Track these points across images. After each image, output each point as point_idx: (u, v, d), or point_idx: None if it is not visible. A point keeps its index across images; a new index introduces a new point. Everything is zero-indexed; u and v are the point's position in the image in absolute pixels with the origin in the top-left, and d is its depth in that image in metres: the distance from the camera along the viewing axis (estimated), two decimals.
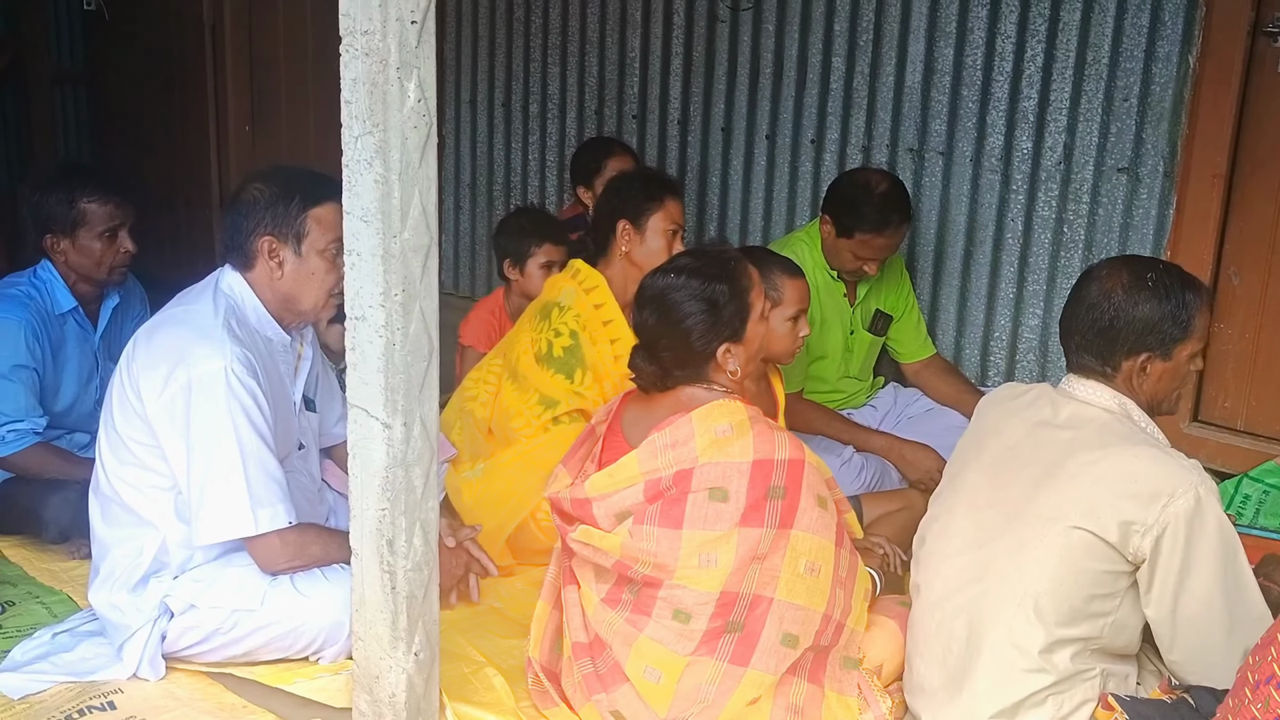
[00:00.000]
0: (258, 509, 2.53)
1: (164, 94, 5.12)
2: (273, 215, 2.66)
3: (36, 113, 5.98)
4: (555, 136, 5.21)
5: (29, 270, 3.39)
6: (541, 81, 5.19)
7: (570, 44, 5.07)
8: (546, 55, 5.16)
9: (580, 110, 5.11)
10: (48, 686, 2.62)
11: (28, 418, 3.24)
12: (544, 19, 5.12)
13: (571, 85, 5.12)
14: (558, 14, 5.08)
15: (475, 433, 3.38)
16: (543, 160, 5.27)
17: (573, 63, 5.09)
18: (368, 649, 2.28)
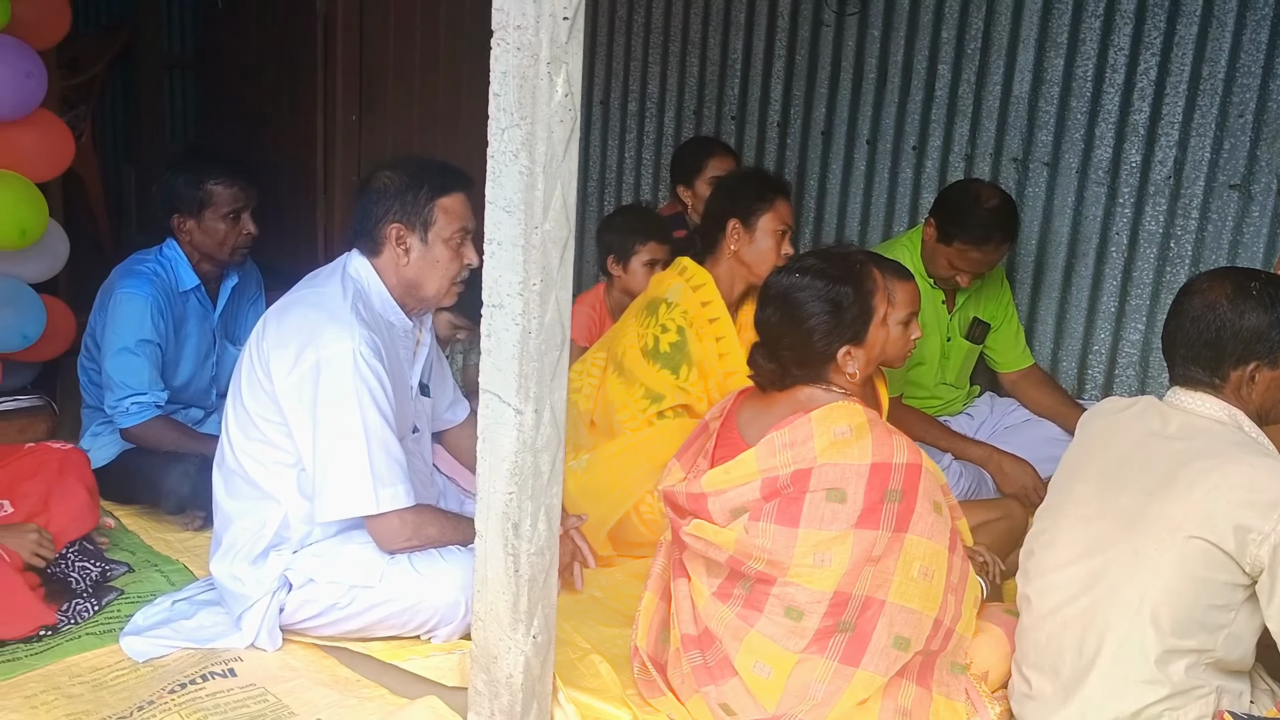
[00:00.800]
0: (379, 488, 2.60)
1: (273, 82, 5.23)
2: (401, 203, 2.72)
3: (146, 97, 6.14)
4: (652, 135, 5.26)
5: (155, 248, 3.49)
6: (641, 80, 5.24)
7: (672, 44, 5.11)
8: (647, 55, 5.20)
9: (679, 110, 5.15)
10: (170, 651, 2.71)
11: (150, 391, 3.34)
12: (646, 19, 5.17)
13: (671, 85, 5.16)
14: (660, 14, 5.13)
15: (578, 424, 3.43)
16: (639, 158, 5.32)
17: (673, 63, 5.13)
18: (487, 630, 2.33)
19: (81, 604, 2.85)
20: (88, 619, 2.82)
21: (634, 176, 5.34)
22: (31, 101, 3.46)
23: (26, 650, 2.68)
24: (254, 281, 3.77)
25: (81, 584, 2.92)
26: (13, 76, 3.36)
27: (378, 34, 5.01)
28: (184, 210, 3.41)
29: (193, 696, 2.51)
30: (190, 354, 3.54)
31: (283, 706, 2.51)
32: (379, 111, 5.12)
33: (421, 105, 5.20)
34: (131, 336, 3.32)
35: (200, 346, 3.56)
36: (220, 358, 3.65)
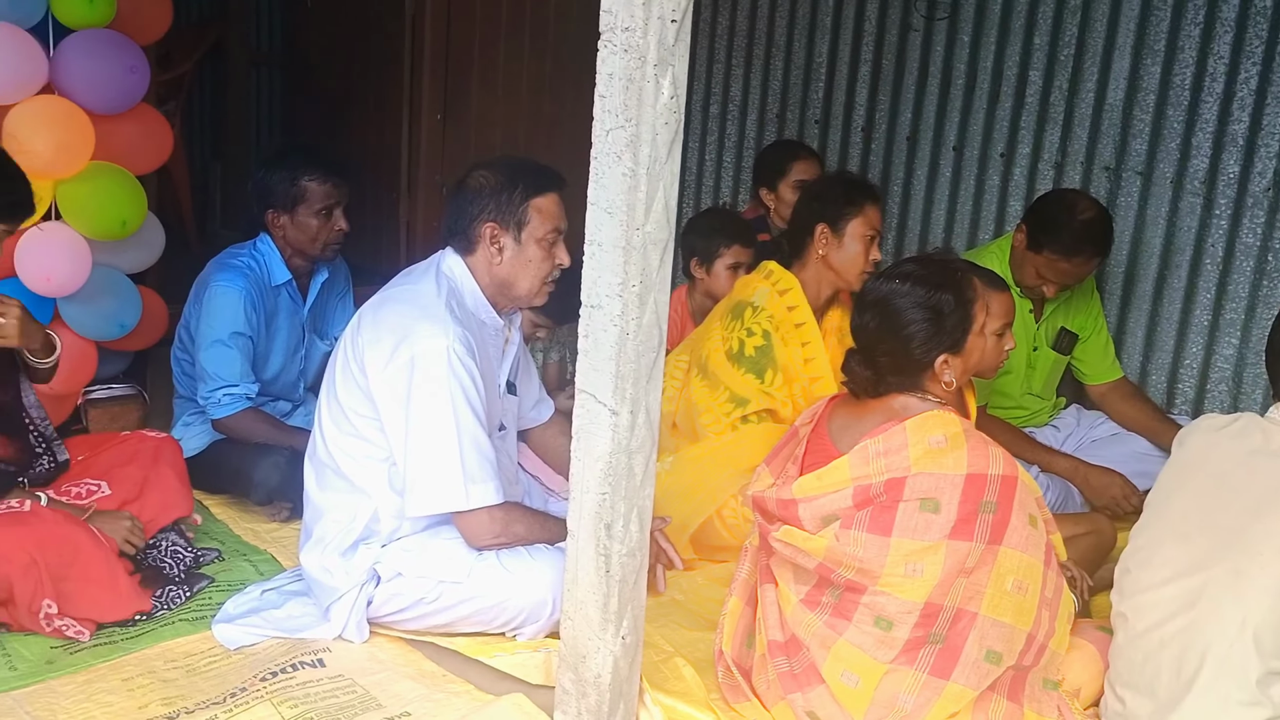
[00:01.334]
0: (470, 485, 2.61)
1: (359, 81, 5.29)
2: (496, 203, 2.74)
3: (233, 93, 6.24)
4: (734, 138, 5.25)
5: (249, 243, 3.54)
6: (724, 84, 5.23)
7: (756, 47, 5.10)
8: (730, 58, 5.19)
9: (761, 114, 5.13)
10: (260, 640, 2.75)
11: (242, 383, 3.40)
12: (730, 23, 5.16)
13: (754, 88, 5.14)
14: (745, 18, 5.11)
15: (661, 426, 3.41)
16: (719, 161, 5.31)
17: (756, 66, 5.11)
18: (576, 629, 2.33)
19: (174, 590, 2.90)
20: (180, 605, 2.88)
21: (714, 179, 5.33)
22: (134, 96, 3.53)
23: (123, 634, 2.74)
24: (343, 277, 3.82)
25: (174, 570, 2.98)
26: (117, 71, 3.43)
27: (463, 34, 5.05)
28: (278, 205, 3.46)
29: (284, 685, 2.55)
30: (280, 347, 3.59)
31: (370, 698, 2.54)
32: (462, 111, 5.16)
33: (504, 106, 5.24)
34: (225, 329, 3.38)
35: (290, 340, 3.62)
36: (308, 352, 3.70)
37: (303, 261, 3.56)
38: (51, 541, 2.66)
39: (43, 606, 2.66)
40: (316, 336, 3.71)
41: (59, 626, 2.68)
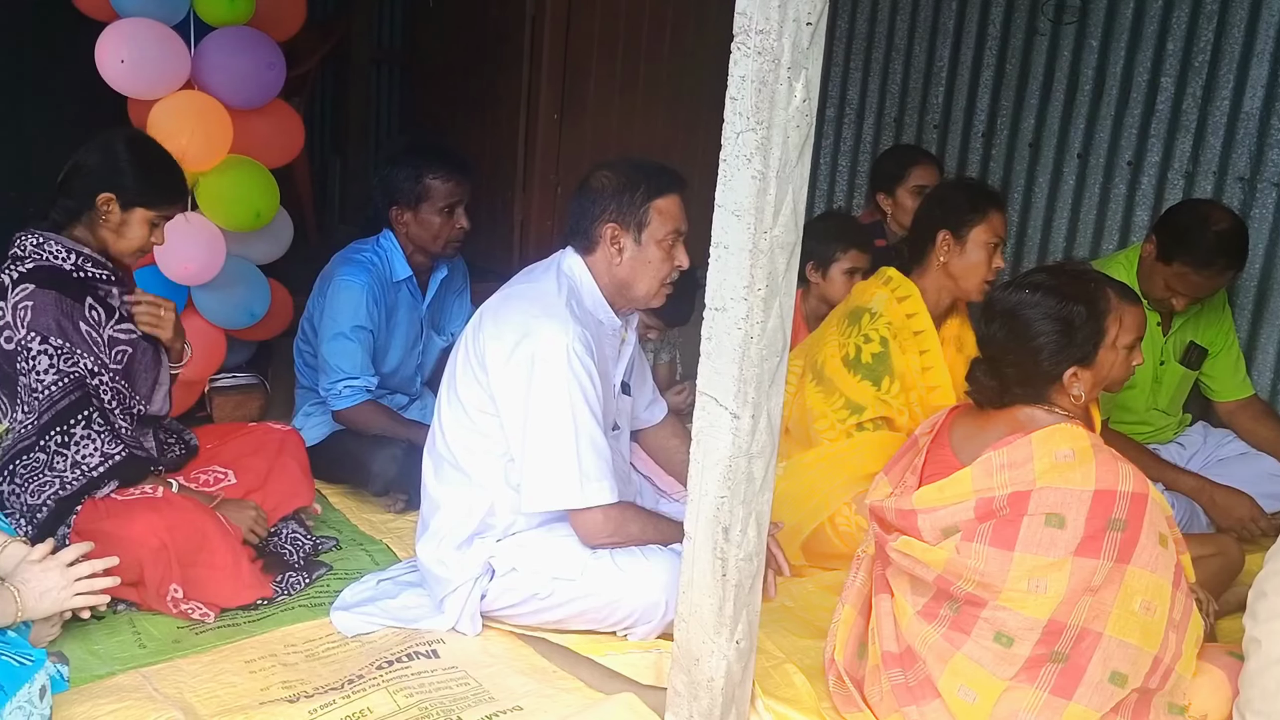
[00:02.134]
0: (586, 483, 2.63)
1: (479, 80, 5.35)
2: (618, 204, 2.74)
3: (354, 91, 6.35)
4: (850, 142, 5.20)
5: (373, 238, 3.61)
6: (841, 87, 5.19)
7: (875, 51, 5.04)
8: (849, 61, 5.15)
9: (879, 117, 5.08)
10: (376, 629, 2.80)
11: (362, 375, 3.47)
12: (849, 25, 5.11)
13: (872, 92, 5.09)
14: (864, 21, 5.06)
15: None
16: (834, 165, 5.27)
17: (876, 69, 5.06)
18: (690, 631, 2.33)
19: (295, 577, 2.97)
20: (300, 591, 2.95)
21: (829, 183, 5.29)
22: (271, 91, 3.62)
23: (246, 617, 2.81)
24: (460, 274, 3.87)
25: (295, 556, 3.05)
26: (255, 67, 3.53)
27: (583, 34, 5.09)
28: (402, 202, 3.52)
29: (399, 674, 2.59)
30: (399, 342, 3.65)
31: (483, 691, 2.56)
32: (579, 111, 5.20)
33: (621, 105, 5.26)
34: (347, 322, 3.45)
35: (409, 335, 3.68)
36: (426, 347, 3.76)
37: (424, 258, 3.62)
38: (181, 527, 2.74)
39: (170, 589, 2.74)
40: (434, 332, 3.77)
41: (185, 609, 2.77)
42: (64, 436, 2.72)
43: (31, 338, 2.69)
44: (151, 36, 3.36)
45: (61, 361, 2.70)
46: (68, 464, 2.72)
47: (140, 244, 2.85)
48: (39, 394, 2.69)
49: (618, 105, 5.24)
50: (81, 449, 2.73)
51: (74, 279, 2.77)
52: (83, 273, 2.78)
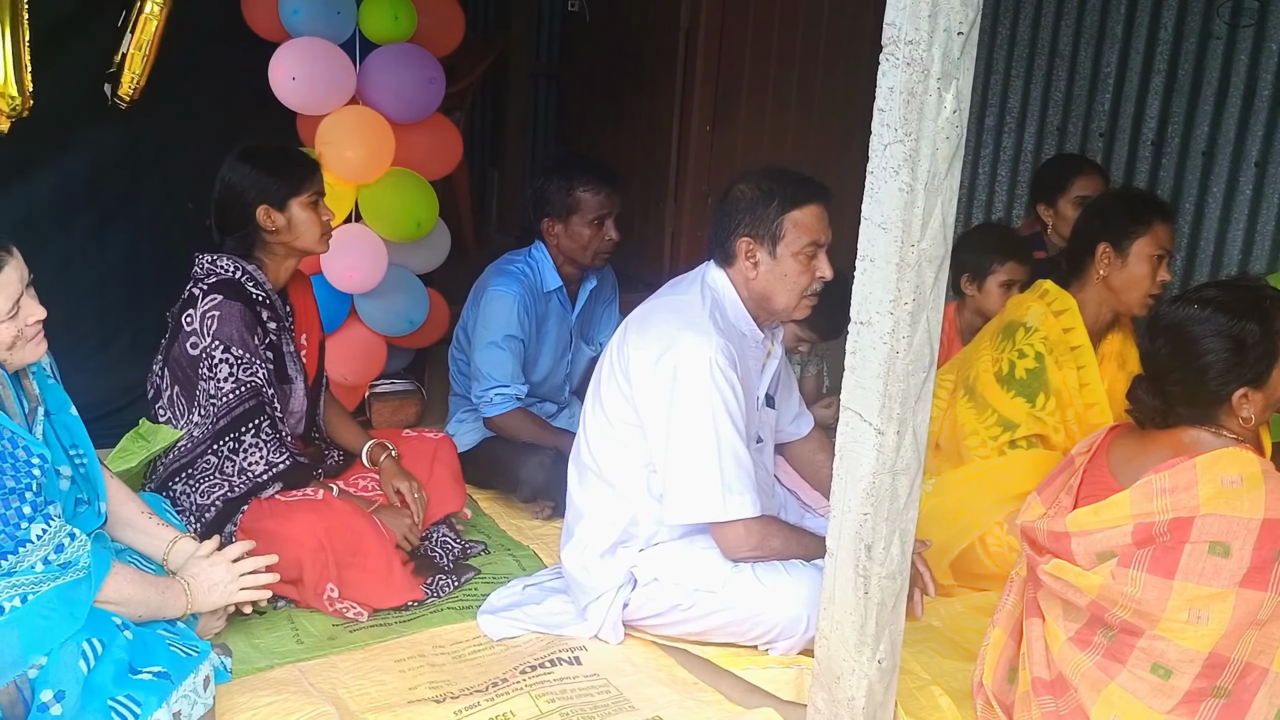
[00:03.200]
0: (728, 495, 2.62)
1: (632, 93, 5.42)
2: (751, 216, 2.72)
3: (513, 105, 6.50)
4: (1010, 151, 5.06)
5: (525, 249, 3.68)
6: (1001, 94, 5.06)
7: (1038, 57, 4.90)
8: (1010, 68, 5.01)
9: (1041, 126, 4.93)
10: (521, 633, 2.85)
11: (513, 384, 3.54)
12: (1011, 31, 4.98)
13: (1034, 99, 4.94)
14: (1027, 26, 4.92)
15: None
16: (994, 175, 5.13)
17: (1038, 76, 4.91)
18: (831, 648, 2.30)
19: (444, 580, 3.05)
20: (448, 594, 3.02)
21: (988, 194, 5.16)
22: (430, 105, 3.74)
23: (397, 618, 2.90)
24: (610, 285, 3.91)
25: (444, 560, 3.13)
26: (416, 82, 3.65)
27: (736, 48, 5.09)
28: (553, 214, 3.58)
29: (541, 679, 2.63)
30: (549, 351, 3.71)
31: (624, 699, 2.58)
32: (732, 123, 5.20)
33: (773, 118, 5.25)
34: (499, 332, 3.52)
35: (558, 345, 3.73)
36: (575, 356, 3.81)
37: (574, 269, 3.67)
38: (339, 530, 2.85)
39: (326, 589, 2.85)
40: (583, 341, 3.82)
41: (340, 608, 2.87)
42: (235, 443, 2.85)
43: (215, 346, 2.82)
44: (320, 55, 3.50)
45: (240, 371, 2.83)
46: (235, 469, 2.85)
47: (318, 228, 2.95)
48: (217, 400, 2.83)
49: (770, 116, 5.23)
50: (249, 456, 2.86)
51: (251, 296, 2.90)
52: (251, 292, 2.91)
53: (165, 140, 3.84)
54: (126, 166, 3.84)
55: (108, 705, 2.13)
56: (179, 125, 3.83)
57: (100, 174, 3.81)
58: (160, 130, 3.82)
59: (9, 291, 2.16)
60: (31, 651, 2.12)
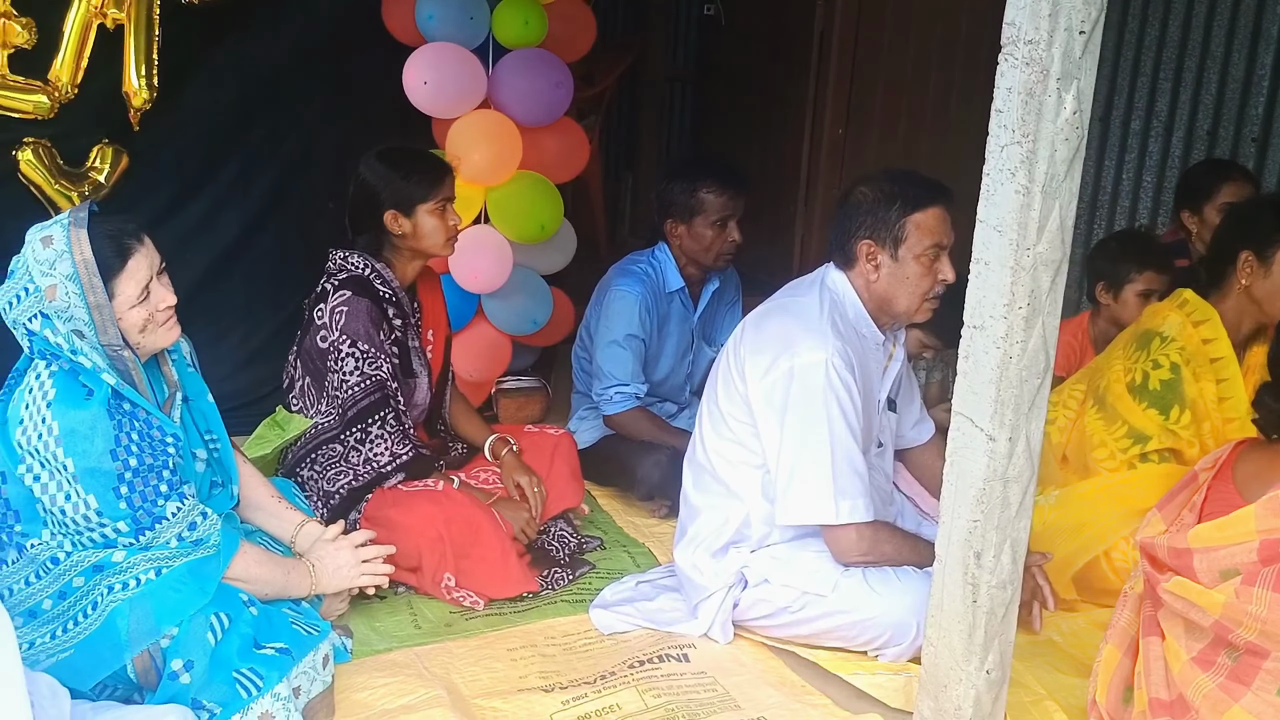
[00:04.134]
0: (840, 499, 2.61)
1: (765, 95, 5.42)
2: (873, 219, 2.71)
3: (647, 108, 6.56)
4: (1156, 157, 4.90)
5: (648, 250, 3.72)
6: (1148, 98, 4.90)
7: (1188, 59, 4.73)
8: (1158, 71, 4.85)
9: (1189, 130, 4.76)
10: (632, 629, 2.88)
11: (632, 383, 3.58)
12: (1160, 33, 4.82)
13: (1183, 103, 4.77)
14: (1177, 28, 4.76)
15: (1049, 458, 3.26)
16: (1138, 180, 4.97)
17: (1188, 79, 4.74)
18: (938, 656, 2.27)
19: (559, 573, 3.10)
20: (563, 587, 3.07)
21: (1131, 200, 4.99)
22: (558, 110, 3.81)
23: (512, 608, 2.96)
24: (733, 287, 3.92)
25: (560, 554, 3.19)
26: (545, 86, 3.72)
27: (871, 50, 5.05)
28: (676, 215, 3.61)
29: (649, 674, 2.66)
30: (670, 351, 3.74)
31: (730, 699, 2.59)
32: (865, 126, 5.16)
33: (908, 120, 5.18)
34: (621, 331, 3.57)
35: (679, 345, 3.76)
36: (696, 357, 3.83)
37: (696, 270, 3.69)
38: (457, 520, 2.93)
39: (444, 577, 2.93)
40: (705, 343, 3.84)
41: (457, 596, 2.95)
42: (361, 434, 2.96)
43: (342, 340, 2.93)
44: (453, 60, 3.61)
45: (365, 365, 2.94)
46: (361, 458, 2.96)
47: (444, 233, 3.05)
48: (343, 392, 2.94)
49: (905, 118, 5.17)
50: (375, 446, 2.96)
51: (379, 294, 3.00)
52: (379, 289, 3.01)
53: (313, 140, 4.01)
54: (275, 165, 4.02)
55: (232, 676, 2.24)
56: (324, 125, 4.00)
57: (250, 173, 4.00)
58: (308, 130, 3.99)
59: (138, 278, 2.28)
60: (164, 622, 2.24)
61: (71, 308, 2.22)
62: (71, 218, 2.25)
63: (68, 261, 2.20)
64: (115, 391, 2.26)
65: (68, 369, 2.26)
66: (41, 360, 2.29)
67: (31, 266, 2.23)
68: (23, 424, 2.25)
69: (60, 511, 2.25)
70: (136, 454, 2.24)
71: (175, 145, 3.84)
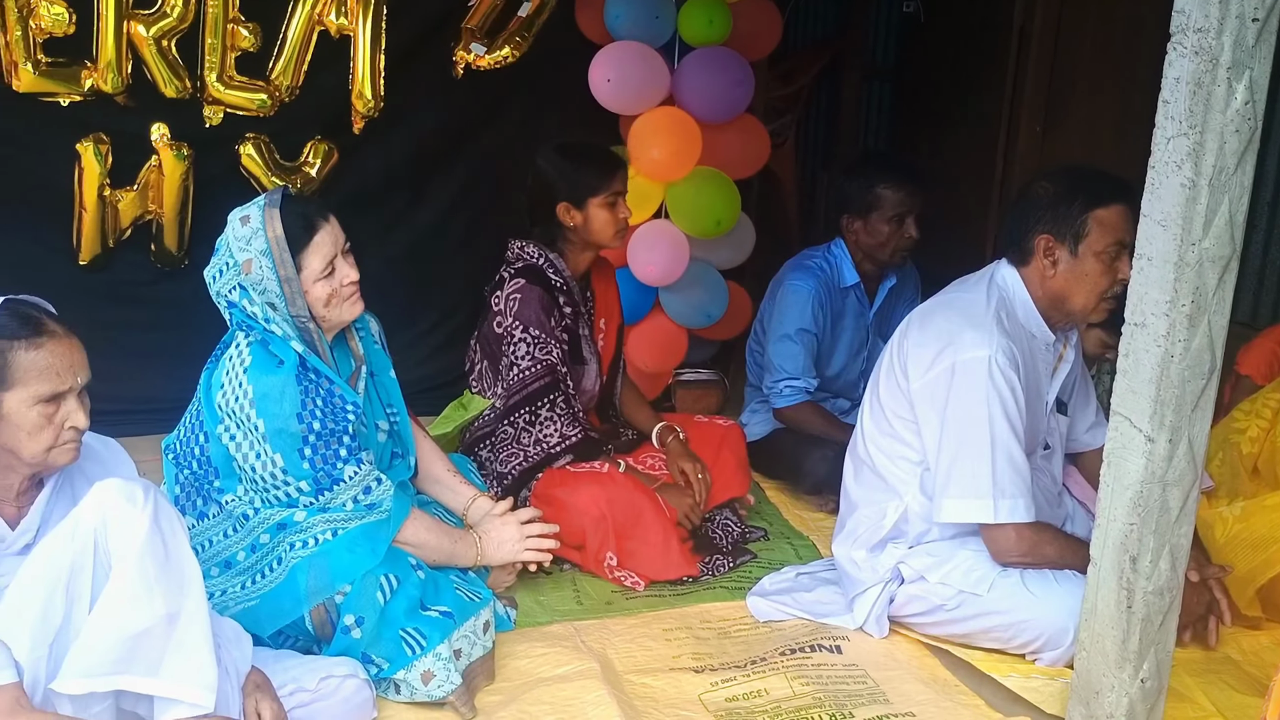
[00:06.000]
0: (999, 498, 2.57)
1: (961, 93, 5.31)
2: (1053, 214, 2.65)
3: (846, 106, 6.52)
4: None
5: (824, 245, 3.73)
6: None
7: None
8: None
9: None
10: (787, 618, 2.91)
11: (803, 377, 3.60)
12: None
13: None
14: None
15: (1238, 468, 3.11)
16: None
17: None
18: (1091, 662, 2.22)
19: (720, 560, 3.16)
20: (723, 574, 3.13)
21: None
22: (737, 107, 3.86)
23: (671, 591, 3.04)
24: (912, 285, 3.88)
25: (723, 542, 3.24)
26: (724, 84, 3.78)
27: (1073, 45, 4.89)
28: (853, 211, 3.61)
29: (800, 662, 2.68)
30: (843, 347, 3.74)
31: (879, 692, 2.59)
32: (1066, 123, 4.99)
33: (1113, 117, 4.98)
34: (793, 325, 3.59)
35: (853, 341, 3.76)
36: (870, 354, 3.81)
37: (872, 266, 3.68)
38: (620, 503, 3.02)
39: (606, 557, 3.03)
40: (880, 339, 3.81)
41: (619, 576, 3.04)
42: (531, 416, 3.09)
43: (515, 325, 3.07)
44: (636, 57, 3.71)
45: (537, 350, 3.07)
46: (531, 440, 3.09)
47: (613, 226, 3.16)
48: (514, 376, 3.08)
49: (1109, 116, 4.97)
50: (544, 428, 3.09)
51: (551, 282, 3.13)
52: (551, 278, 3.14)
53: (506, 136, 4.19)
54: (469, 162, 4.22)
55: (399, 634, 2.40)
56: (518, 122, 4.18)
57: (446, 169, 4.21)
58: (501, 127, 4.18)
59: (323, 252, 2.47)
60: (338, 580, 2.41)
61: (265, 280, 2.43)
62: (267, 199, 2.47)
63: (262, 238, 2.42)
64: (303, 361, 2.45)
65: (261, 340, 2.46)
66: (241, 332, 2.50)
67: (231, 243, 2.45)
68: (223, 388, 2.47)
69: (251, 469, 2.45)
70: (320, 418, 2.43)
71: (380, 143, 4.08)
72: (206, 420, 2.50)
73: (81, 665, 1.89)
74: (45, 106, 3.68)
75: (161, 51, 3.73)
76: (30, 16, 3.57)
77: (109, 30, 3.65)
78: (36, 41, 3.61)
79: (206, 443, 2.51)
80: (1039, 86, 4.95)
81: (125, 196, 3.82)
